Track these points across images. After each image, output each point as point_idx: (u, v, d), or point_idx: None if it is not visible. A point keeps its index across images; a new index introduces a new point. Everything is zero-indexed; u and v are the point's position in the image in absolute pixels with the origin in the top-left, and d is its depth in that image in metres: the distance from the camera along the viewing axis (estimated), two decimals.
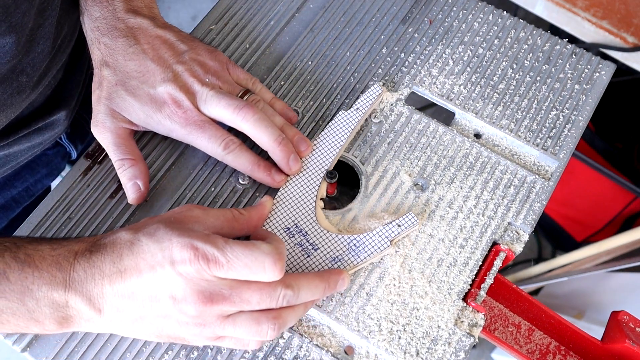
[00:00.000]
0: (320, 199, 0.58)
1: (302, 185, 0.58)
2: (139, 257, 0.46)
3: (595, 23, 1.03)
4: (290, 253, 0.55)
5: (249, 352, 0.52)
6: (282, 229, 0.56)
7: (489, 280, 0.56)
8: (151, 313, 0.47)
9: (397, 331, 0.53)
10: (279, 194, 0.57)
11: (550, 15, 1.07)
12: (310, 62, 0.66)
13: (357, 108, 0.62)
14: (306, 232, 0.55)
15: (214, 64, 0.59)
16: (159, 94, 0.56)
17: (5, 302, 0.46)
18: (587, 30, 1.04)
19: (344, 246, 0.55)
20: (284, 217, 0.56)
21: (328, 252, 0.54)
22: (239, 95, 0.59)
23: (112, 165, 0.59)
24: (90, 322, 0.48)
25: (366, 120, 0.63)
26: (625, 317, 0.57)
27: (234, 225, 0.52)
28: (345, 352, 0.53)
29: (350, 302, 0.54)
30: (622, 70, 1.28)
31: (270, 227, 0.56)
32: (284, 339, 0.53)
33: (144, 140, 0.61)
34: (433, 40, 0.68)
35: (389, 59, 0.67)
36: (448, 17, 0.69)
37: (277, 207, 0.57)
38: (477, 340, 0.54)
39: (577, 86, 0.66)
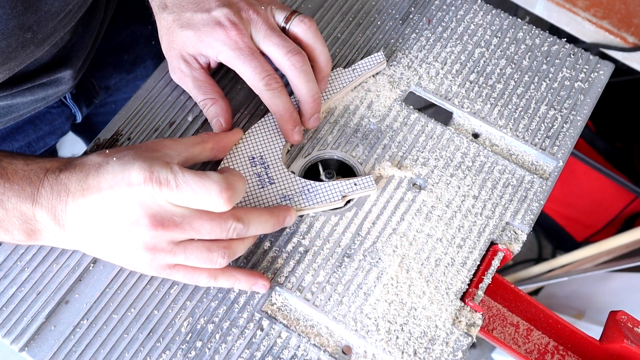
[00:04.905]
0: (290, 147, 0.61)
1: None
2: (101, 177, 0.48)
3: (595, 23, 1.03)
4: (247, 181, 0.56)
5: (247, 351, 0.52)
6: (247, 156, 0.58)
7: (487, 280, 0.56)
8: (107, 233, 0.48)
9: (394, 331, 0.53)
10: (255, 126, 0.60)
11: (550, 15, 1.07)
12: None
13: (354, 69, 0.64)
14: (268, 165, 0.58)
15: None
16: (213, 17, 0.57)
17: None
18: (587, 30, 1.04)
19: (298, 188, 0.57)
20: (253, 146, 0.59)
21: (281, 190, 0.57)
22: (287, 15, 0.59)
23: None
24: (56, 237, 0.51)
25: (365, 119, 0.63)
26: (623, 317, 0.57)
27: (204, 146, 0.54)
28: (343, 352, 0.53)
29: (348, 302, 0.54)
30: (622, 70, 1.28)
31: (236, 152, 0.58)
32: (282, 338, 0.53)
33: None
34: (431, 39, 0.68)
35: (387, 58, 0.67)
36: (447, 17, 0.69)
37: (249, 136, 0.59)
38: (475, 339, 0.54)
39: (575, 86, 0.66)
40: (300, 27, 0.59)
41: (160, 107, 0.63)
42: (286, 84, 0.60)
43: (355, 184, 0.57)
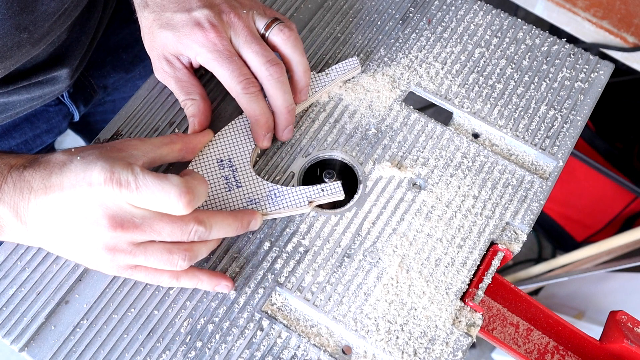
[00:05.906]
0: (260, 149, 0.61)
1: (248, 129, 0.60)
2: (64, 176, 0.48)
3: (595, 23, 1.03)
4: (214, 183, 0.57)
5: (247, 351, 0.52)
6: (215, 158, 0.58)
7: (487, 280, 0.56)
8: (67, 231, 0.48)
9: (394, 331, 0.53)
10: (225, 128, 0.60)
11: (550, 15, 1.07)
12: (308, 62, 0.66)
13: (327, 73, 0.64)
14: (236, 168, 0.58)
15: (249, 2, 0.60)
16: (193, 17, 0.56)
17: None
18: (587, 30, 1.04)
19: (265, 192, 0.57)
20: (222, 149, 0.59)
21: (248, 193, 0.57)
22: (268, 23, 0.59)
23: None
24: (18, 234, 0.50)
25: (364, 119, 0.63)
26: (623, 317, 0.57)
27: (172, 147, 0.54)
28: (343, 352, 0.53)
29: (348, 302, 0.54)
30: (622, 70, 1.28)
31: (205, 154, 0.58)
32: (282, 338, 0.53)
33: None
34: (431, 39, 0.68)
35: (387, 59, 0.67)
36: (447, 17, 0.69)
37: (219, 139, 0.59)
38: (474, 340, 0.54)
39: (575, 86, 0.66)
40: (279, 37, 0.58)
41: (160, 107, 0.63)
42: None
43: (322, 190, 0.57)
